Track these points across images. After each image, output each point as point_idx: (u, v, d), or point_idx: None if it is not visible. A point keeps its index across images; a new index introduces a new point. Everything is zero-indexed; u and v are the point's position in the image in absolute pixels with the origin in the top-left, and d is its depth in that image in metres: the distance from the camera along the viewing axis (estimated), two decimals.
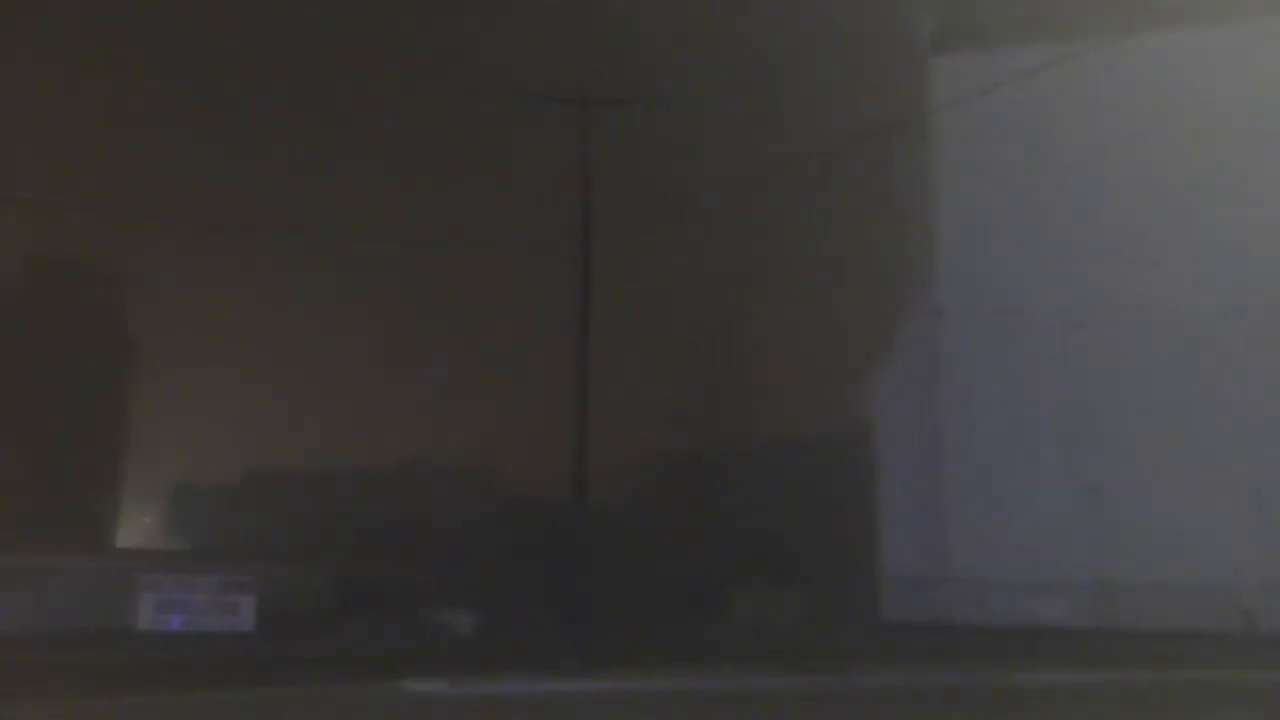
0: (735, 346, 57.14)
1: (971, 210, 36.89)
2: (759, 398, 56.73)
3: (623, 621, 31.00)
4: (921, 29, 38.58)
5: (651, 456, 53.73)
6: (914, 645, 26.29)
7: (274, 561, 38.32)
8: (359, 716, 14.39)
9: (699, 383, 55.76)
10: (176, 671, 21.00)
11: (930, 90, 37.07)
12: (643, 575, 40.54)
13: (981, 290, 36.54)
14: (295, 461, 59.03)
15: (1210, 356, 33.32)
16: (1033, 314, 35.74)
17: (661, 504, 50.32)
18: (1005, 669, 20.11)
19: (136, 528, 59.71)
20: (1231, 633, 29.27)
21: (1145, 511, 32.76)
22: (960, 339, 36.73)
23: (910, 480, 36.69)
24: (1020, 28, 34.43)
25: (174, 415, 59.70)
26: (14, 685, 17.77)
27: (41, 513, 47.56)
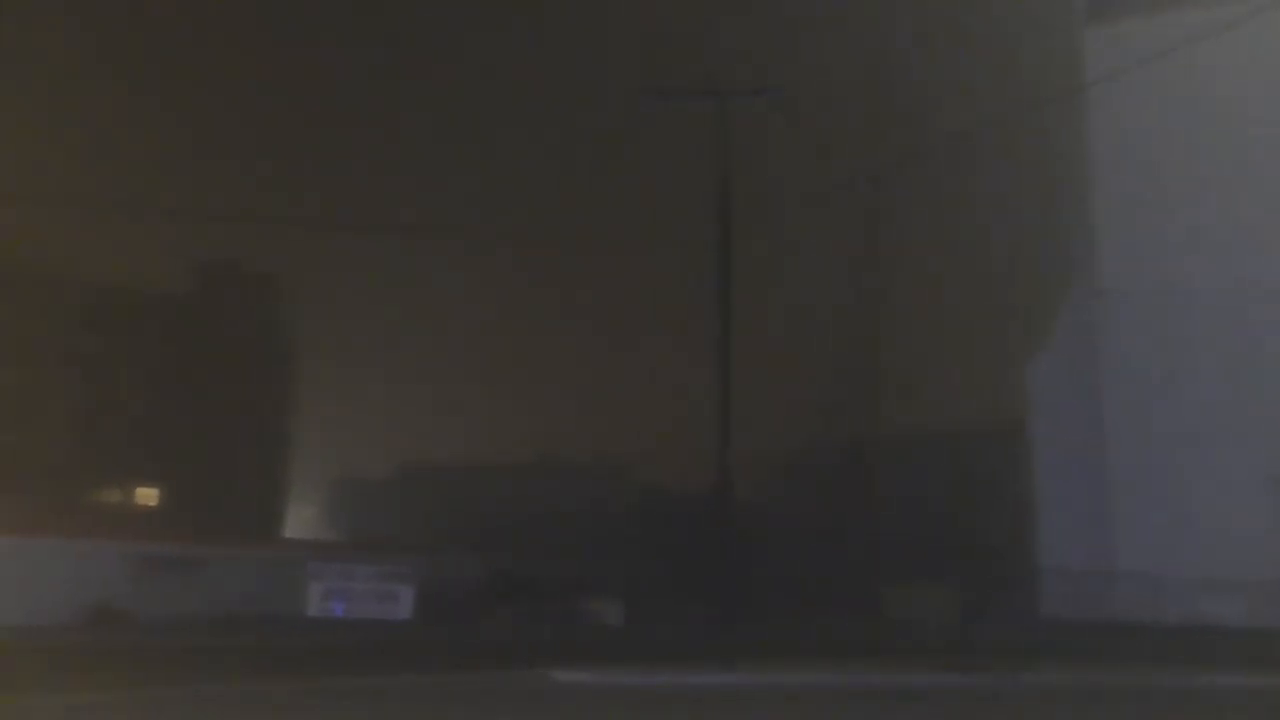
0: (882, 335, 55.72)
1: (1132, 187, 35.00)
2: (908, 387, 55.21)
3: (768, 615, 30.73)
4: None
5: (798, 448, 53.05)
6: (1077, 644, 25.13)
7: (430, 552, 39.62)
8: (509, 705, 14.63)
9: (846, 373, 54.63)
10: (341, 657, 21.90)
11: (1088, 61, 35.31)
12: (788, 568, 40.10)
13: (1144, 271, 34.64)
14: (447, 455, 60.85)
15: None
16: (1200, 295, 33.66)
17: (808, 496, 49.65)
18: (1178, 671, 18.98)
19: (300, 519, 62.68)
20: None
21: None
22: (1122, 322, 34.92)
23: (1071, 471, 35.12)
24: None
25: (334, 412, 62.33)
26: (196, 666, 18.86)
27: (215, 505, 50.41)
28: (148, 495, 53.13)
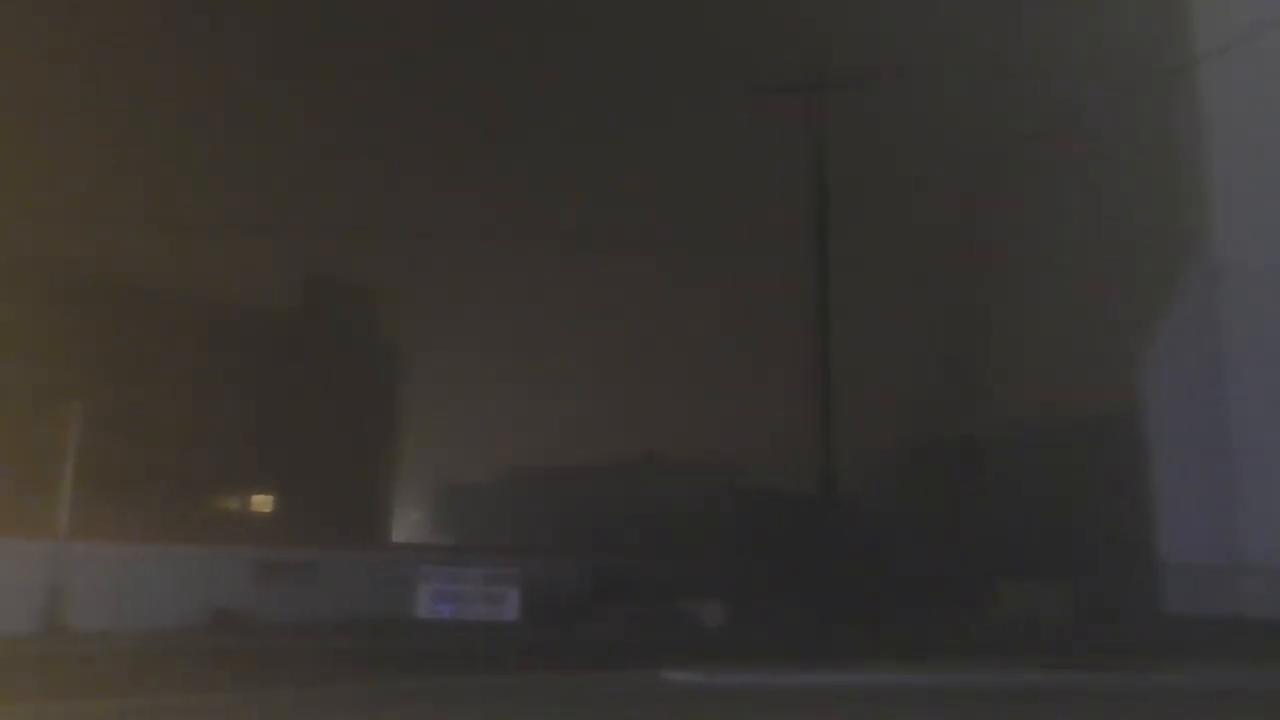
0: (989, 324, 54.18)
1: (1250, 160, 33.38)
2: (1017, 377, 53.59)
3: (875, 614, 30.19)
4: None
5: (903, 444, 52.01)
6: (1204, 641, 24.04)
7: (536, 554, 40.04)
8: (618, 705, 14.61)
9: (952, 366, 53.36)
10: (450, 658, 22.22)
11: (1203, 32, 33.80)
12: (895, 566, 39.35)
13: (1264, 249, 32.99)
14: (551, 458, 61.44)
15: None
16: None
17: (914, 493, 48.63)
18: None
19: (410, 523, 64.03)
20: None
21: None
22: (1245, 305, 33.33)
23: (1193, 462, 33.66)
24: None
25: (442, 417, 63.49)
26: (311, 668, 19.34)
27: (328, 511, 51.78)
28: (263, 502, 54.89)
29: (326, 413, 54.52)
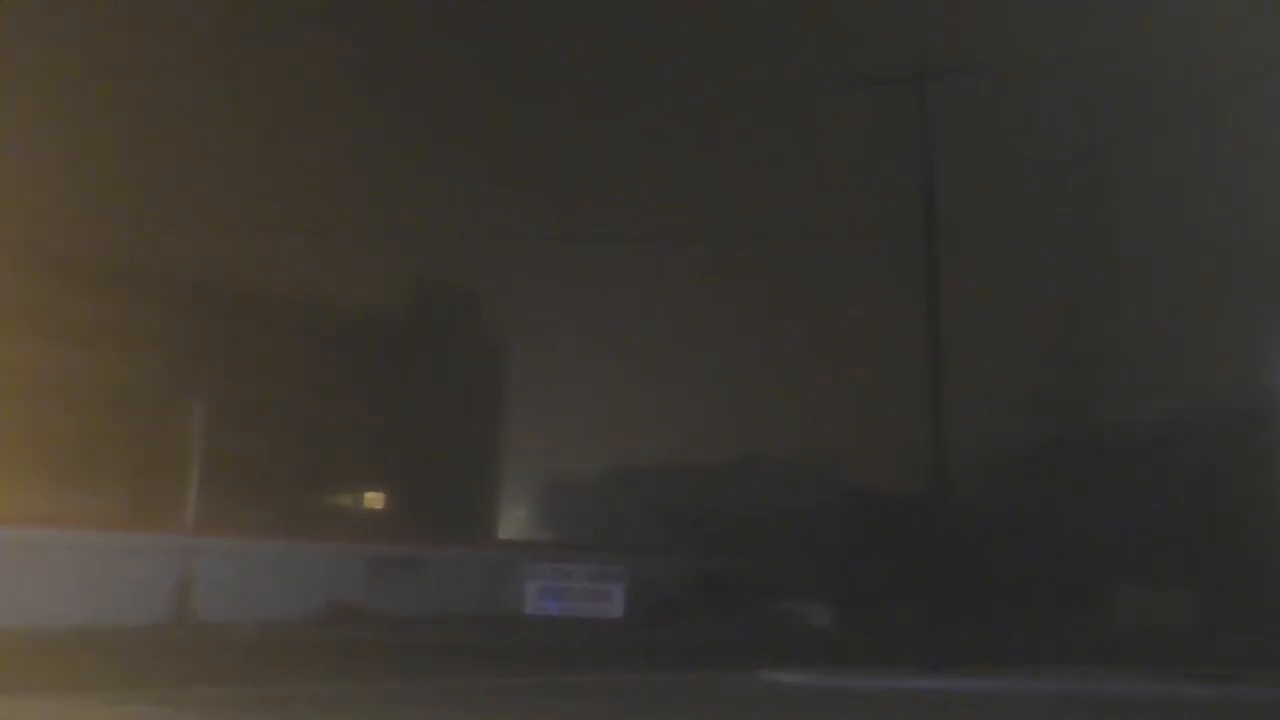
0: (1108, 320, 52.03)
1: None
2: (1139, 376, 51.41)
3: (989, 618, 29.47)
4: None
5: (1018, 445, 50.36)
6: None
7: (642, 553, 40.21)
8: (725, 705, 14.56)
9: (1069, 363, 51.43)
10: (556, 654, 22.49)
11: None
12: (1008, 570, 38.27)
13: None
14: (658, 457, 61.60)
15: None
16: None
17: (1031, 496, 47.04)
18: None
19: (518, 521, 64.97)
20: None
21: None
22: None
23: None
24: None
25: (550, 416, 64.35)
26: (423, 661, 19.81)
27: (438, 509, 52.91)
28: (377, 499, 56.38)
29: (438, 413, 55.75)
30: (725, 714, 13.62)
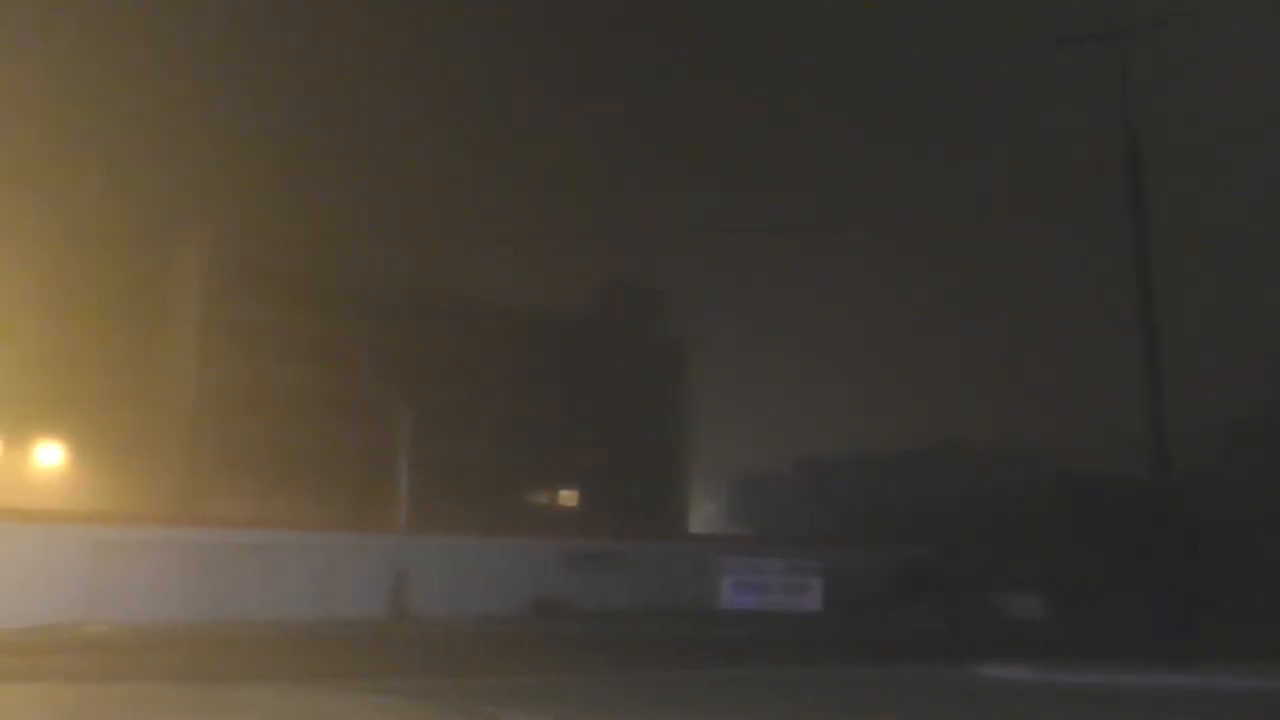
0: None
1: None
2: None
3: (1228, 612, 27.39)
4: None
5: (1250, 426, 46.55)
6: None
7: (840, 545, 39.54)
8: (942, 700, 14.08)
9: None
10: (755, 647, 22.38)
11: None
12: (1241, 561, 35.43)
13: None
14: (844, 446, 60.58)
15: None
16: None
17: (1266, 478, 43.30)
18: None
19: (707, 515, 65.24)
20: None
21: None
22: None
23: None
24: None
25: (735, 410, 64.35)
26: (624, 654, 20.10)
27: (635, 504, 53.74)
28: (575, 497, 57.81)
29: (631, 410, 56.66)
30: (936, 709, 13.18)
